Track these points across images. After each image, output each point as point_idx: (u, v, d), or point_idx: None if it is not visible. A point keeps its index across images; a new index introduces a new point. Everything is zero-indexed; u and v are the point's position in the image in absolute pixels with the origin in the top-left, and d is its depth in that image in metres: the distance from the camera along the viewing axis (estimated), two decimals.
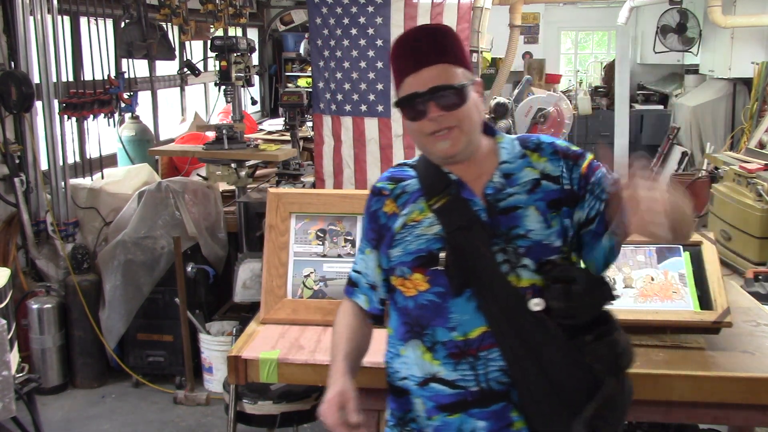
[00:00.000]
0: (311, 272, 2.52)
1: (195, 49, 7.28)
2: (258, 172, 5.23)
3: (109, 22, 5.45)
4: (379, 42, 4.28)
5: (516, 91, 5.38)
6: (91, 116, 4.88)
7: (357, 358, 1.75)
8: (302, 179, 4.89)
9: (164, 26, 5.85)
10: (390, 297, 1.75)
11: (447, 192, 1.64)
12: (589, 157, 1.69)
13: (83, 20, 5.27)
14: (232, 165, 4.60)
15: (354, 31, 4.33)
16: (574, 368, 1.54)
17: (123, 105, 5.20)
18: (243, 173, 4.62)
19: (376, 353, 2.18)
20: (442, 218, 1.62)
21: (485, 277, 1.57)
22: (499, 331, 1.56)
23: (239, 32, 7.34)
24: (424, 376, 1.63)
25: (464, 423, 1.60)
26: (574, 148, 1.72)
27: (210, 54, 5.24)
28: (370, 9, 4.29)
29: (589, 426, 1.52)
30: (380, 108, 4.36)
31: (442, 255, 1.60)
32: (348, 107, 4.42)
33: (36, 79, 4.49)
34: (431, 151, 1.65)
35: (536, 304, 1.54)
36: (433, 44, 1.61)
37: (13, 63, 4.47)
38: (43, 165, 4.66)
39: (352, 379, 1.66)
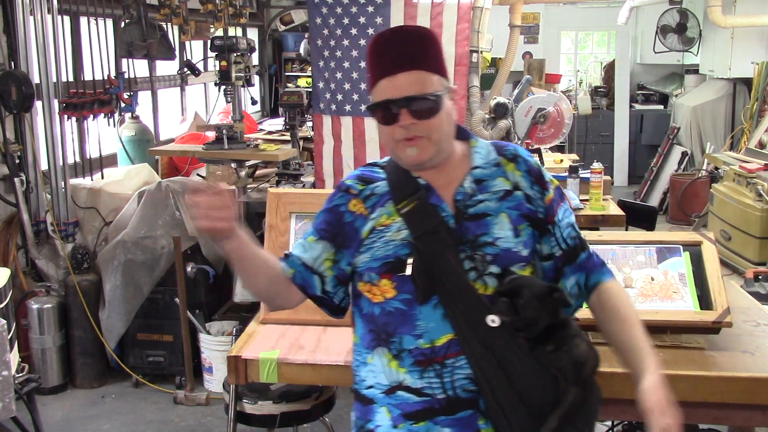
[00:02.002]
0: None
1: (195, 49, 7.27)
2: (258, 172, 5.23)
3: (109, 22, 5.45)
4: None
5: (516, 91, 5.37)
6: (91, 116, 4.87)
7: (257, 250, 1.69)
8: (302, 179, 4.90)
9: (164, 26, 5.85)
10: (355, 304, 1.73)
11: (415, 196, 1.62)
12: (553, 187, 1.71)
13: (83, 20, 5.27)
14: (232, 165, 4.60)
15: (354, 31, 4.33)
16: (538, 378, 1.53)
17: (123, 105, 5.20)
18: (243, 173, 4.63)
19: None
20: (410, 223, 1.61)
21: (451, 285, 1.56)
22: (464, 339, 1.54)
23: (239, 32, 7.34)
24: (390, 384, 1.62)
25: (430, 430, 1.58)
26: (545, 173, 1.73)
27: (210, 54, 5.25)
28: (370, 9, 4.29)
29: None
30: None
31: (410, 261, 1.58)
32: (348, 107, 4.42)
33: (36, 79, 4.49)
34: (400, 156, 1.64)
35: (492, 321, 1.53)
36: (411, 48, 1.60)
37: (13, 63, 4.47)
38: (43, 165, 4.65)
39: (239, 231, 1.64)
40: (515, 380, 1.52)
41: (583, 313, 1.77)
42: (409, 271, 1.58)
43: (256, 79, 6.00)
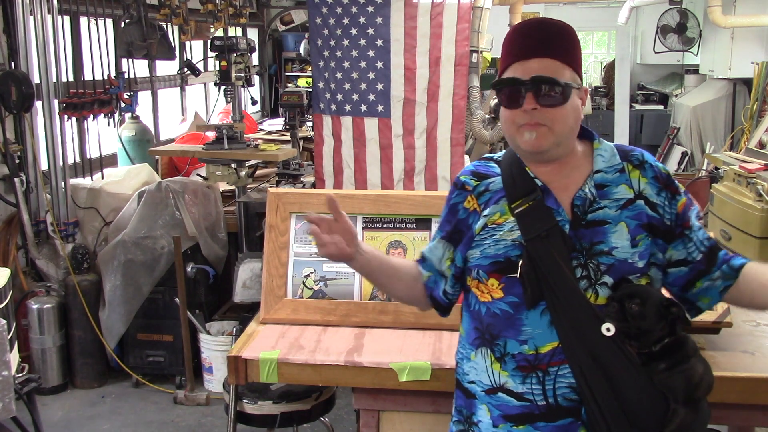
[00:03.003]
0: (311, 272, 2.52)
1: (195, 49, 7.28)
2: (258, 172, 5.23)
3: (109, 22, 5.45)
4: (379, 42, 4.28)
5: None
6: (91, 116, 4.87)
7: (386, 261, 1.76)
8: (302, 179, 4.89)
9: (164, 26, 5.85)
10: (464, 297, 1.73)
11: (531, 197, 1.58)
12: (684, 195, 1.65)
13: (83, 20, 5.27)
14: (232, 165, 4.60)
15: (354, 31, 4.33)
16: (646, 393, 1.48)
17: (123, 105, 5.20)
18: (243, 173, 4.62)
19: (377, 353, 2.19)
20: (523, 224, 1.57)
21: (561, 292, 1.52)
22: (570, 348, 1.51)
23: (239, 32, 7.34)
24: (491, 385, 1.60)
25: None
26: (674, 179, 1.66)
27: (210, 54, 5.24)
28: (370, 9, 4.29)
29: None
30: (380, 108, 4.36)
31: (520, 263, 1.55)
32: (348, 107, 4.41)
33: (36, 79, 4.49)
34: (517, 143, 1.59)
35: (608, 329, 1.48)
36: (549, 38, 1.57)
37: (13, 63, 4.47)
38: (43, 165, 4.66)
39: (364, 248, 1.70)
40: (621, 393, 1.48)
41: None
42: (518, 273, 1.55)
43: (256, 79, 5.98)
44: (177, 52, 6.46)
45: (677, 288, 1.67)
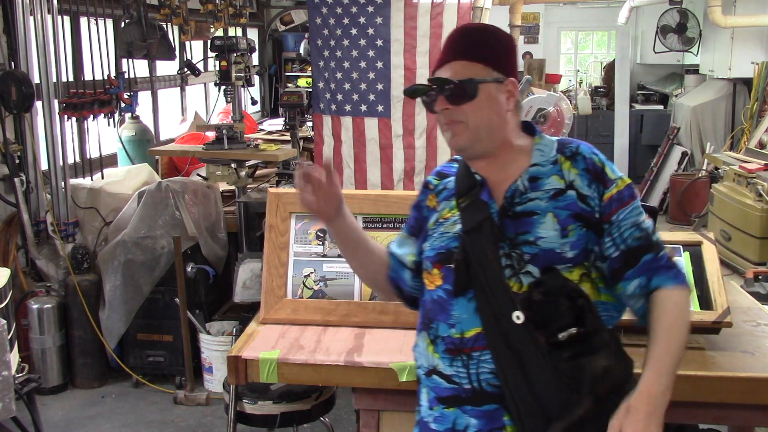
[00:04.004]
0: (311, 272, 2.52)
1: (195, 49, 7.27)
2: (258, 172, 5.23)
3: (109, 22, 5.45)
4: (379, 42, 4.29)
5: None
6: (91, 116, 4.87)
7: (363, 240, 1.80)
8: None
9: (164, 26, 5.84)
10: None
11: (473, 192, 1.67)
12: (617, 186, 1.63)
13: (83, 20, 5.27)
14: (232, 165, 4.60)
15: (354, 31, 4.33)
16: (553, 381, 1.51)
17: (123, 105, 5.20)
18: (243, 173, 4.62)
19: (377, 353, 2.19)
20: (463, 217, 1.66)
21: (486, 280, 1.59)
22: (490, 334, 1.57)
23: (239, 32, 7.34)
24: (428, 367, 1.68)
25: (459, 417, 1.62)
26: (609, 171, 1.65)
27: (210, 54, 5.24)
28: (370, 9, 4.29)
29: None
30: (380, 108, 4.36)
31: (455, 254, 1.64)
32: (348, 107, 4.42)
33: (36, 79, 4.49)
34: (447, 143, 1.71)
35: (517, 317, 1.53)
36: (464, 41, 1.66)
37: (13, 63, 4.47)
38: (43, 165, 4.65)
39: (347, 219, 1.74)
40: (532, 381, 1.52)
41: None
42: (453, 263, 1.64)
43: (256, 79, 5.98)
44: (177, 52, 6.46)
45: (607, 284, 1.64)
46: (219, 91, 4.83)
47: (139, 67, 5.87)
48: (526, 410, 1.52)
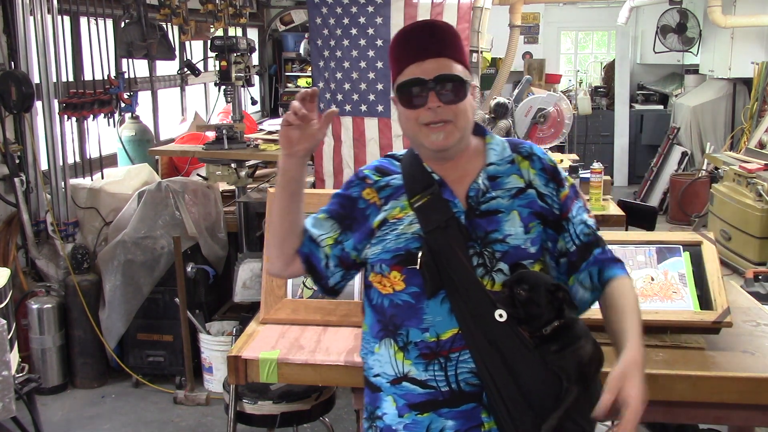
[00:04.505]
0: None
1: (195, 49, 7.27)
2: (258, 172, 5.23)
3: (109, 22, 5.45)
4: (379, 42, 4.28)
5: (516, 91, 5.37)
6: (91, 116, 4.87)
7: (300, 198, 1.70)
8: None
9: (164, 26, 5.84)
10: (365, 294, 1.75)
11: (429, 191, 1.64)
12: (568, 184, 1.73)
13: (83, 20, 5.27)
14: (232, 165, 4.60)
15: (354, 31, 4.33)
16: (540, 375, 1.54)
17: (123, 105, 5.20)
18: (243, 173, 4.63)
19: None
20: (421, 217, 1.62)
21: (459, 280, 1.58)
22: (469, 334, 1.57)
23: (239, 32, 7.34)
24: (396, 375, 1.65)
25: (434, 422, 1.61)
26: (560, 170, 1.75)
27: (210, 54, 5.24)
28: (370, 9, 4.29)
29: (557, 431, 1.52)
30: (380, 108, 4.36)
31: (420, 255, 1.60)
32: (348, 107, 4.41)
33: (36, 79, 4.49)
34: (422, 143, 1.65)
35: (500, 315, 1.55)
36: (437, 38, 1.63)
37: (13, 63, 4.47)
38: (43, 165, 4.65)
39: (301, 169, 1.65)
40: (518, 377, 1.54)
41: (592, 312, 1.76)
42: (418, 264, 1.60)
43: (256, 79, 5.98)
44: (177, 52, 6.46)
45: (564, 279, 1.71)
46: (219, 91, 4.83)
47: (139, 67, 5.87)
48: (514, 405, 1.53)
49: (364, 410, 1.78)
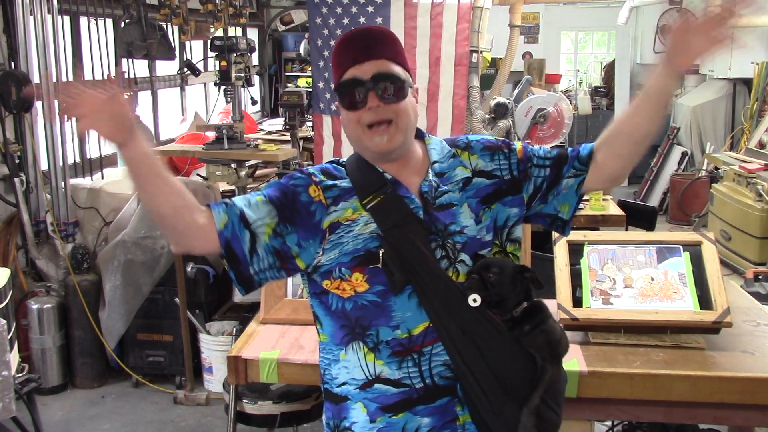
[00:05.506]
0: None
1: (195, 49, 7.28)
2: (258, 172, 5.23)
3: (109, 22, 5.45)
4: None
5: (516, 91, 5.37)
6: None
7: (159, 172, 1.57)
8: None
9: (164, 26, 5.85)
10: (319, 304, 1.69)
11: (382, 191, 1.63)
12: (519, 143, 1.78)
13: (83, 20, 5.27)
14: (232, 165, 4.60)
15: None
16: (516, 359, 1.56)
17: None
18: (243, 173, 4.63)
19: None
20: (377, 217, 1.61)
21: (425, 274, 1.57)
22: (441, 325, 1.57)
23: (239, 32, 7.34)
24: (366, 378, 1.61)
25: (409, 422, 1.59)
26: (500, 138, 1.82)
27: (210, 54, 5.24)
28: (370, 9, 4.30)
29: (536, 414, 1.55)
30: None
31: (381, 253, 1.59)
32: None
33: (36, 79, 4.49)
34: (366, 146, 1.64)
35: (474, 300, 1.55)
36: (376, 42, 1.65)
37: (13, 63, 4.47)
38: (43, 165, 4.66)
39: (140, 142, 1.57)
40: (493, 363, 1.55)
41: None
42: (380, 263, 1.59)
43: (256, 79, 5.99)
44: (177, 52, 6.46)
45: (542, 208, 1.75)
46: (219, 91, 4.84)
47: (139, 67, 5.87)
48: (493, 393, 1.54)
49: (325, 425, 1.72)
